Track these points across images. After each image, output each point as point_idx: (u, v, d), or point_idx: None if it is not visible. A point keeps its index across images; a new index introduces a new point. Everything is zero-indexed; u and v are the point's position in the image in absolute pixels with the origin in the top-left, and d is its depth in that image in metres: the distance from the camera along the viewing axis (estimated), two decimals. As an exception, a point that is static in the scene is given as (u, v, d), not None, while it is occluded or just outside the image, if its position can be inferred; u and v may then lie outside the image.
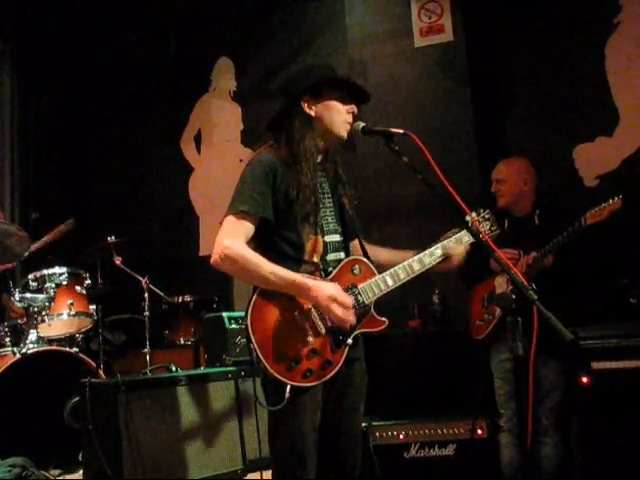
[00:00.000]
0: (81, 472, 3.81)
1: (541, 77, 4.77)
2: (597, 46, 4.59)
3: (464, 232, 2.46)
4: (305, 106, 2.39)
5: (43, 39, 6.35)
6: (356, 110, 2.44)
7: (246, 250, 2.25)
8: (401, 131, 2.30)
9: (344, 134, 2.42)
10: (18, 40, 6.21)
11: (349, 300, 2.27)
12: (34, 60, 6.34)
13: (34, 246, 4.78)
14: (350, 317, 2.26)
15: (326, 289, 2.24)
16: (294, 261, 2.33)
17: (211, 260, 2.27)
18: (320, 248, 2.38)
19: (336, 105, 2.40)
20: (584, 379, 3.24)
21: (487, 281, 3.61)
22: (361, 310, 2.33)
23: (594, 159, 4.54)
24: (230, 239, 2.25)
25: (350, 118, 2.42)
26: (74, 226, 5.17)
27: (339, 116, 2.40)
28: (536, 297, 1.97)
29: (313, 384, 2.25)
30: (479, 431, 3.63)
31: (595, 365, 3.24)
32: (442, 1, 4.78)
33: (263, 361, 2.20)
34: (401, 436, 3.70)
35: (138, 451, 3.33)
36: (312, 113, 2.40)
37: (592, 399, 3.23)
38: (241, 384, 3.89)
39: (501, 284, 3.52)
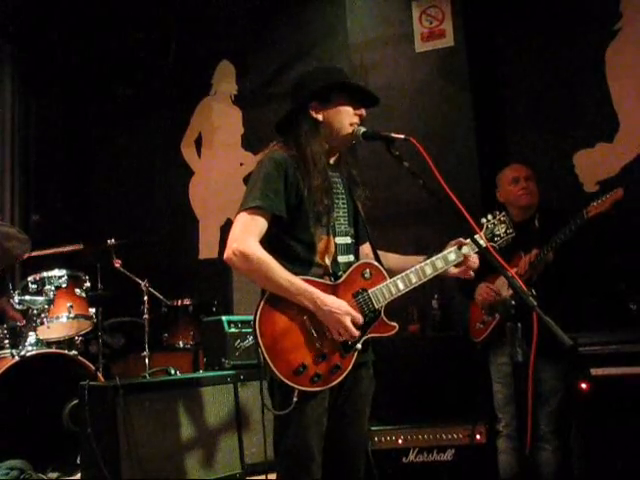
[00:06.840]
0: (79, 475, 3.81)
1: (542, 83, 4.77)
2: (597, 52, 4.59)
3: (475, 238, 2.37)
4: (312, 112, 2.38)
5: (44, 41, 6.35)
6: (365, 114, 2.42)
7: (261, 251, 2.22)
8: (402, 136, 2.29)
9: (351, 135, 2.39)
10: (19, 41, 6.21)
11: (360, 318, 2.25)
12: (35, 62, 6.34)
13: (35, 253, 4.77)
14: (355, 334, 2.24)
15: (341, 304, 2.23)
16: (304, 262, 2.31)
17: (224, 256, 2.24)
18: (332, 249, 2.36)
19: (346, 109, 2.39)
20: (583, 385, 3.23)
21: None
22: (371, 315, 2.30)
23: (594, 165, 4.54)
24: (245, 236, 2.22)
25: (357, 120, 2.40)
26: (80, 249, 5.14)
27: (347, 119, 2.38)
28: (536, 303, 1.97)
29: (321, 389, 2.23)
30: (478, 436, 3.62)
31: (594, 371, 3.22)
32: (443, 6, 4.79)
33: (271, 365, 2.18)
34: (400, 441, 3.70)
35: (136, 454, 3.33)
36: (320, 118, 2.38)
37: (591, 405, 3.22)
38: (240, 388, 3.89)
39: (502, 285, 3.50)
